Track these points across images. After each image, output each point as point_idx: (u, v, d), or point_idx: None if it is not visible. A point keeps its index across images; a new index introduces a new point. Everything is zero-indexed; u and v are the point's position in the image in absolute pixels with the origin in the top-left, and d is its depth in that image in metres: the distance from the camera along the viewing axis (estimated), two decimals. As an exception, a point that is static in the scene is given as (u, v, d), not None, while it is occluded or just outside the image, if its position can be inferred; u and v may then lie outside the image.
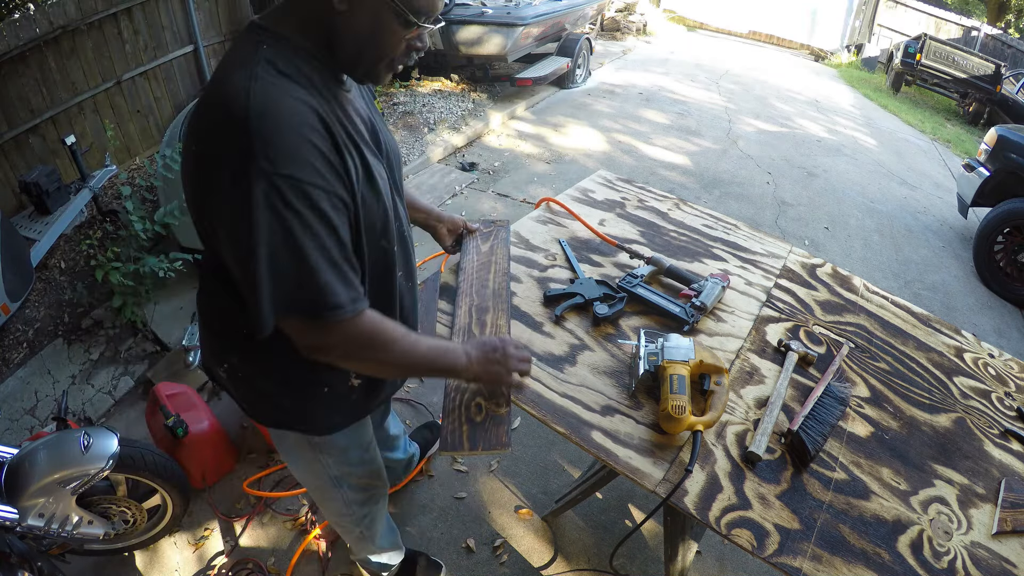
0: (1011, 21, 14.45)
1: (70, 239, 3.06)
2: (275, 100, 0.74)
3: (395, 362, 0.93)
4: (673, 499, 0.98)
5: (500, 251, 1.49)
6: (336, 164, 0.79)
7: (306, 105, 0.77)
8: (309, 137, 0.76)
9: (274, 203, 0.73)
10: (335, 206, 0.79)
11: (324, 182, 0.77)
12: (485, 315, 1.28)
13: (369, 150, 0.90)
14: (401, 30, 0.83)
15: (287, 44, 0.81)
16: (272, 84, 0.76)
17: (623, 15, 10.10)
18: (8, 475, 1.36)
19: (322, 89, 0.83)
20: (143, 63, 3.73)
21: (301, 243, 0.76)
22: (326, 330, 0.83)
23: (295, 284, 0.78)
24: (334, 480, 1.24)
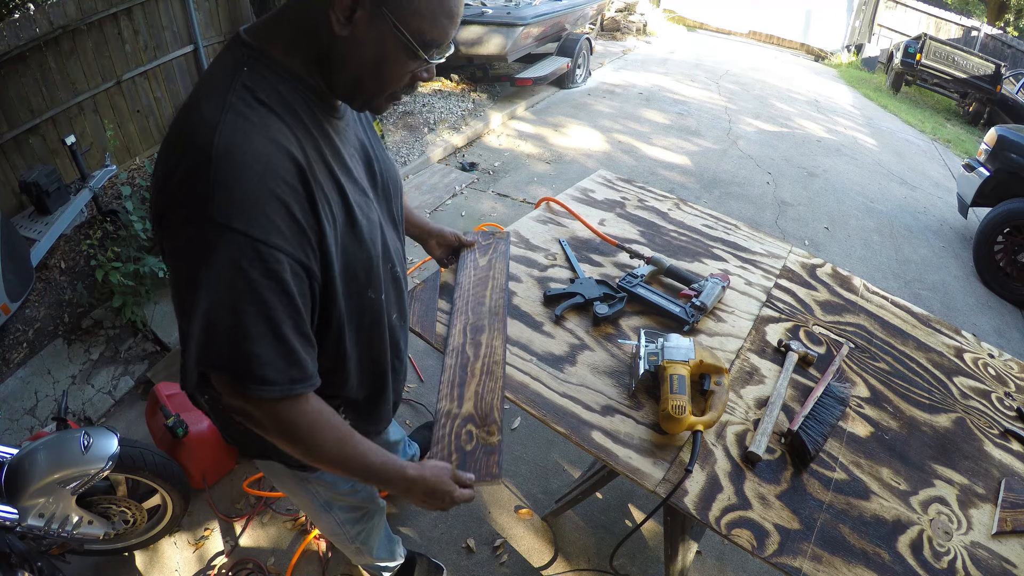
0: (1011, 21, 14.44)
1: (70, 239, 3.07)
2: (244, 142, 0.66)
3: (328, 460, 0.83)
4: (673, 499, 0.98)
5: (498, 266, 1.44)
6: (305, 225, 0.70)
7: (281, 150, 0.69)
8: (276, 191, 0.67)
9: (222, 260, 0.65)
10: (295, 273, 0.70)
11: (286, 244, 0.68)
12: (480, 335, 1.24)
13: (357, 189, 0.82)
14: (408, 62, 0.75)
15: (272, 66, 0.73)
16: (245, 120, 0.68)
17: (623, 15, 10.10)
18: (8, 475, 1.36)
19: (308, 121, 0.75)
20: (143, 63, 3.73)
21: (242, 308, 0.67)
22: (251, 402, 0.74)
23: (227, 348, 0.69)
24: (324, 505, 1.20)
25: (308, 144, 0.74)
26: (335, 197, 0.77)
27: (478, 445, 1.02)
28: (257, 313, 0.68)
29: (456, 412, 1.08)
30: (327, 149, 0.78)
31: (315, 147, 0.75)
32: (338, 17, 0.69)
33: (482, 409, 1.09)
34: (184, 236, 0.67)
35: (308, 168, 0.72)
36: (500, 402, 1.10)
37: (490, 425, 1.06)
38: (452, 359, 1.20)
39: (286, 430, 0.77)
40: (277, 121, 0.71)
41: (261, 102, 0.70)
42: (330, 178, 0.77)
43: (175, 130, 0.71)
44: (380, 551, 1.49)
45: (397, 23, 0.70)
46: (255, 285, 0.67)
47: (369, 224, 0.84)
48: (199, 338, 0.69)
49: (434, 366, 2.55)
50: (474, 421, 1.06)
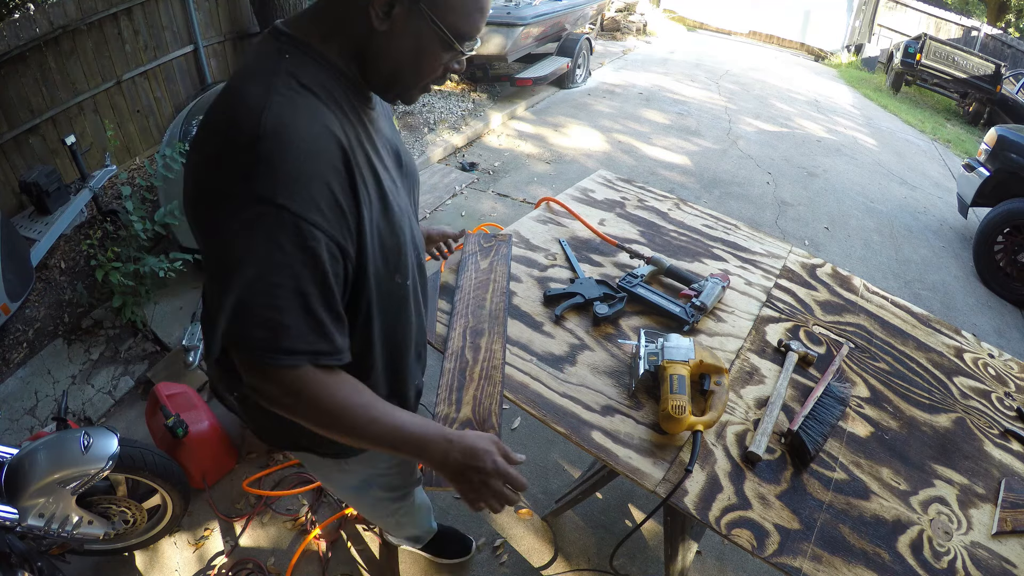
0: (1011, 21, 14.44)
1: (70, 239, 3.07)
2: (294, 122, 0.68)
3: (353, 429, 0.79)
4: (673, 499, 0.98)
5: (500, 268, 1.43)
6: (346, 208, 0.72)
7: (327, 133, 0.71)
8: (321, 171, 0.69)
9: (262, 232, 0.67)
10: (331, 252, 0.71)
11: (325, 223, 0.70)
12: (480, 338, 1.24)
13: (389, 177, 0.84)
14: (443, 54, 0.78)
15: (313, 55, 0.75)
16: (293, 102, 0.70)
17: (623, 15, 10.10)
18: (8, 475, 1.36)
19: (347, 110, 0.77)
20: (143, 63, 3.73)
21: (276, 280, 0.68)
22: (272, 373, 0.73)
23: (256, 320, 0.70)
24: (363, 483, 1.18)
25: (349, 129, 0.76)
26: (372, 182, 0.79)
27: None
28: (291, 287, 0.69)
29: (454, 416, 1.08)
30: (364, 136, 0.80)
31: (355, 133, 0.77)
32: (377, 12, 0.72)
33: (480, 414, 1.08)
34: (226, 211, 0.68)
35: (351, 152, 0.74)
36: (498, 407, 1.09)
37: (488, 430, 1.05)
38: (451, 363, 1.19)
39: (310, 402, 0.76)
40: (322, 105, 0.73)
41: (305, 87, 0.72)
42: (368, 164, 0.78)
43: (216, 115, 0.72)
44: (421, 522, 1.51)
45: (434, 18, 0.74)
46: (291, 259, 0.68)
47: (400, 211, 0.85)
48: (231, 310, 0.70)
49: (434, 365, 2.54)
50: (472, 425, 1.06)
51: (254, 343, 0.71)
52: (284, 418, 0.83)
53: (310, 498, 1.98)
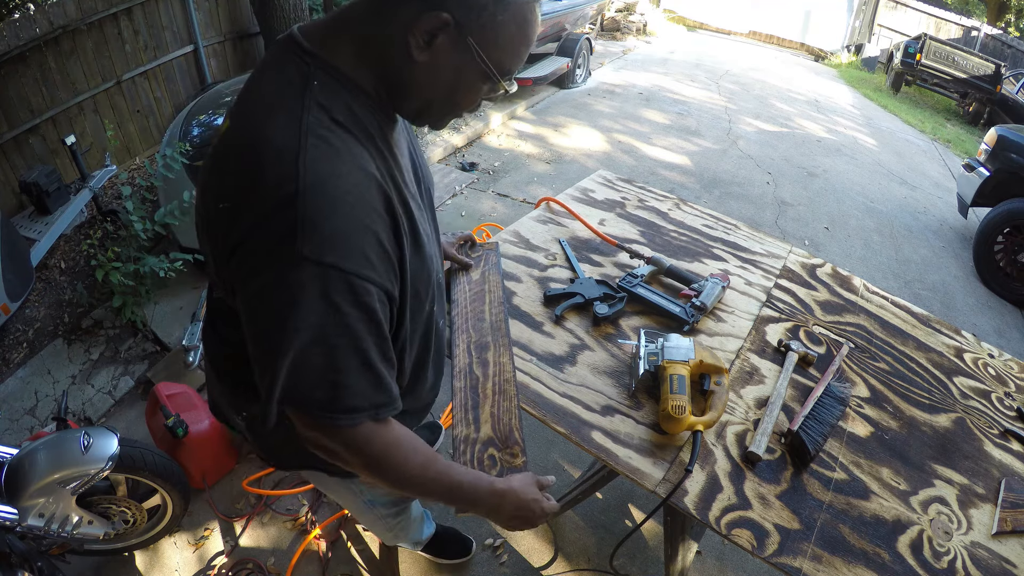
0: (1011, 21, 14.44)
1: (70, 239, 3.07)
2: (332, 172, 0.63)
3: (414, 485, 0.80)
4: (673, 499, 0.98)
5: (492, 278, 1.40)
6: (392, 252, 0.69)
7: (370, 179, 0.66)
8: (368, 223, 0.65)
9: (313, 296, 0.63)
10: (381, 300, 0.69)
11: (376, 275, 0.66)
12: (486, 353, 1.20)
13: (416, 205, 0.79)
14: (482, 87, 0.74)
15: (342, 80, 0.68)
16: (328, 145, 0.64)
17: (623, 15, 10.10)
18: (8, 475, 1.36)
19: (380, 143, 0.72)
20: (143, 63, 3.73)
21: (335, 342, 0.65)
22: (333, 432, 0.71)
23: (315, 382, 0.67)
24: (368, 503, 1.18)
25: (382, 165, 0.71)
26: (406, 219, 0.74)
27: (503, 469, 0.98)
28: (349, 346, 0.67)
29: (474, 437, 1.04)
30: (395, 168, 0.75)
31: (387, 168, 0.72)
32: (418, 41, 0.67)
33: (501, 431, 1.05)
34: (270, 273, 0.63)
35: (390, 194, 0.70)
36: (519, 421, 1.07)
37: (512, 447, 1.02)
38: (460, 381, 1.15)
39: (372, 458, 0.75)
40: (357, 145, 0.68)
41: (339, 123, 0.66)
42: (400, 200, 0.73)
43: (241, 157, 0.66)
44: (414, 533, 1.52)
45: (480, 52, 0.68)
46: (347, 319, 0.65)
47: (427, 238, 0.81)
48: (287, 376, 0.67)
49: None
50: (495, 444, 1.03)
51: (314, 403, 0.68)
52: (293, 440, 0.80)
53: (310, 498, 1.98)
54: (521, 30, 0.70)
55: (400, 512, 1.31)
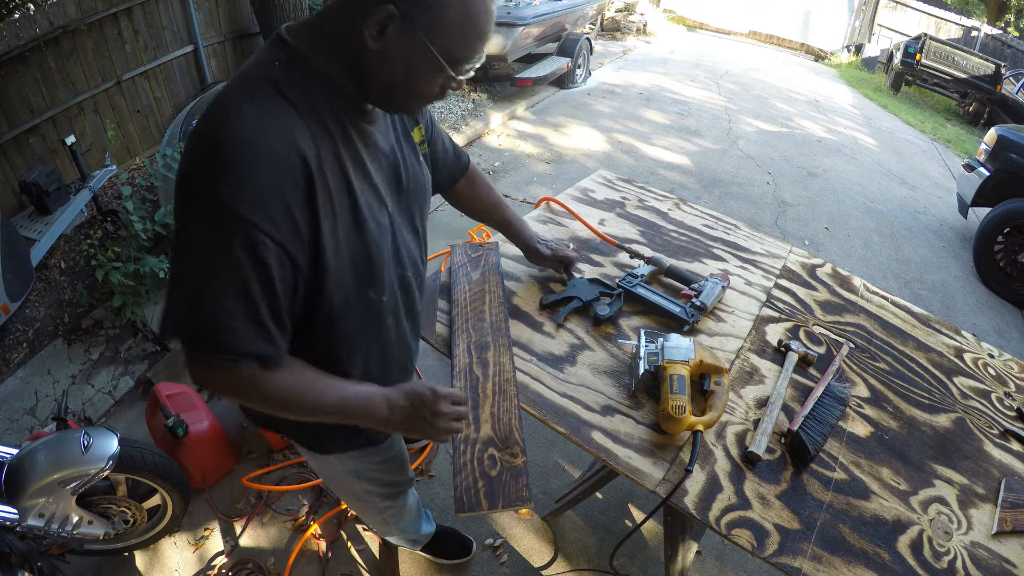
0: (1011, 21, 14.44)
1: (70, 239, 3.06)
2: (260, 133, 0.70)
3: (310, 416, 0.86)
4: (673, 499, 0.98)
5: (492, 278, 1.40)
6: (300, 219, 0.73)
7: (293, 147, 0.72)
8: (279, 184, 0.71)
9: (216, 236, 0.70)
10: (280, 261, 0.73)
11: (276, 233, 0.71)
12: (486, 352, 1.20)
13: (371, 193, 0.84)
14: (436, 77, 0.78)
15: (306, 67, 0.76)
16: (264, 112, 0.71)
17: (623, 15, 10.10)
18: (8, 475, 1.36)
19: (330, 123, 0.78)
20: (143, 63, 3.73)
21: (218, 278, 0.71)
22: (215, 371, 0.76)
23: (206, 318, 0.73)
24: (352, 472, 1.20)
25: (324, 144, 0.76)
26: (342, 196, 0.79)
27: (503, 469, 1.00)
28: (238, 290, 0.72)
29: (474, 437, 1.05)
30: (344, 151, 0.80)
31: (331, 147, 0.77)
32: (371, 31, 0.72)
33: (501, 431, 1.06)
34: (191, 206, 0.72)
35: (316, 167, 0.74)
36: (518, 421, 1.07)
37: (512, 447, 1.03)
38: (461, 381, 1.16)
39: (265, 399, 0.81)
40: (296, 117, 0.73)
41: (285, 98, 0.73)
42: (341, 178, 0.79)
43: (203, 117, 0.74)
44: (407, 526, 1.51)
45: (428, 43, 0.73)
46: (241, 264, 0.71)
47: (378, 227, 0.85)
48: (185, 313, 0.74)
49: (434, 366, 2.55)
50: (495, 444, 1.03)
51: (195, 342, 0.75)
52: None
53: (310, 497, 1.98)
54: (468, 19, 0.74)
55: (391, 496, 1.32)
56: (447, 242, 3.35)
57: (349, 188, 0.80)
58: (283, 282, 0.75)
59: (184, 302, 0.74)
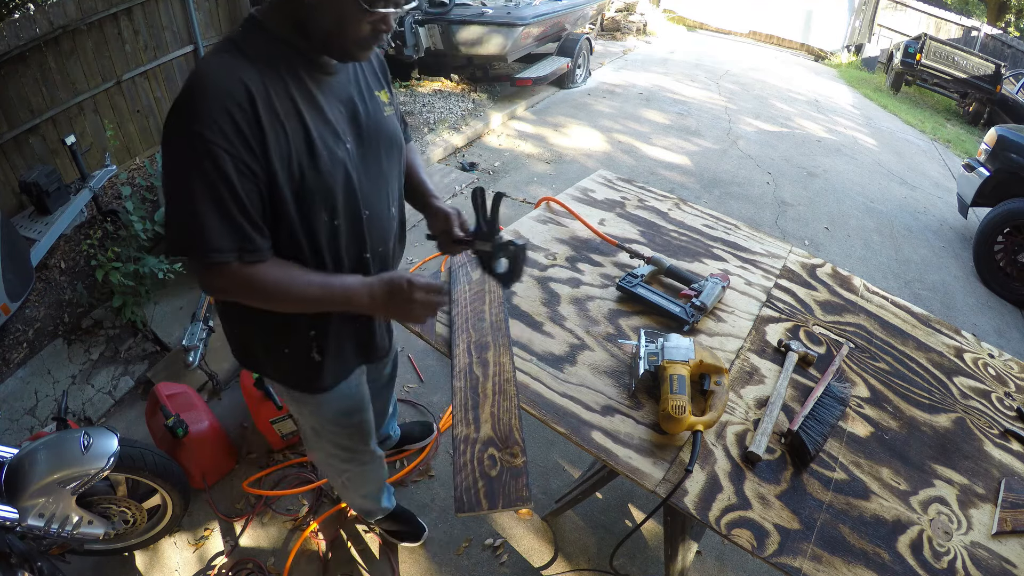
0: (1011, 21, 14.44)
1: (70, 239, 3.06)
2: (213, 74, 0.86)
3: (289, 304, 0.99)
4: (673, 499, 0.98)
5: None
6: (250, 135, 0.87)
7: (237, 81, 0.87)
8: (228, 107, 0.85)
9: (182, 152, 0.86)
10: (239, 169, 0.87)
11: (229, 146, 0.85)
12: (486, 352, 1.21)
13: (327, 128, 0.97)
14: (362, 16, 0.89)
15: (264, 31, 0.93)
16: (220, 60, 0.88)
17: (623, 15, 10.10)
18: (8, 475, 1.36)
19: (285, 73, 0.93)
20: (143, 63, 3.72)
21: (192, 188, 0.86)
22: (210, 271, 0.92)
23: (183, 225, 0.89)
24: (313, 431, 1.36)
25: (275, 84, 0.91)
26: (293, 122, 0.92)
27: (503, 469, 1.00)
28: (207, 194, 0.86)
29: (474, 437, 1.05)
30: (296, 91, 0.94)
31: (283, 88, 0.92)
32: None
33: (501, 431, 1.06)
34: (168, 139, 0.88)
35: (262, 96, 0.88)
36: (518, 421, 1.07)
37: (512, 447, 1.03)
38: (461, 381, 1.16)
39: (251, 291, 0.95)
40: (247, 64, 0.89)
41: (241, 52, 0.90)
42: (292, 109, 0.93)
43: None
44: (368, 495, 1.66)
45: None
46: (206, 173, 0.85)
47: (331, 157, 0.97)
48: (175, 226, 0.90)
49: (434, 366, 2.55)
50: (495, 444, 1.04)
51: (186, 246, 0.90)
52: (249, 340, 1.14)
53: (310, 498, 1.98)
54: None
55: (350, 460, 1.46)
56: (447, 242, 3.36)
57: (300, 118, 0.93)
58: (245, 188, 0.88)
59: (174, 217, 0.90)
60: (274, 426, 2.04)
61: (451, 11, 5.34)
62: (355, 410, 1.34)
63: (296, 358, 1.14)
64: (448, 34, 5.37)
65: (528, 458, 1.03)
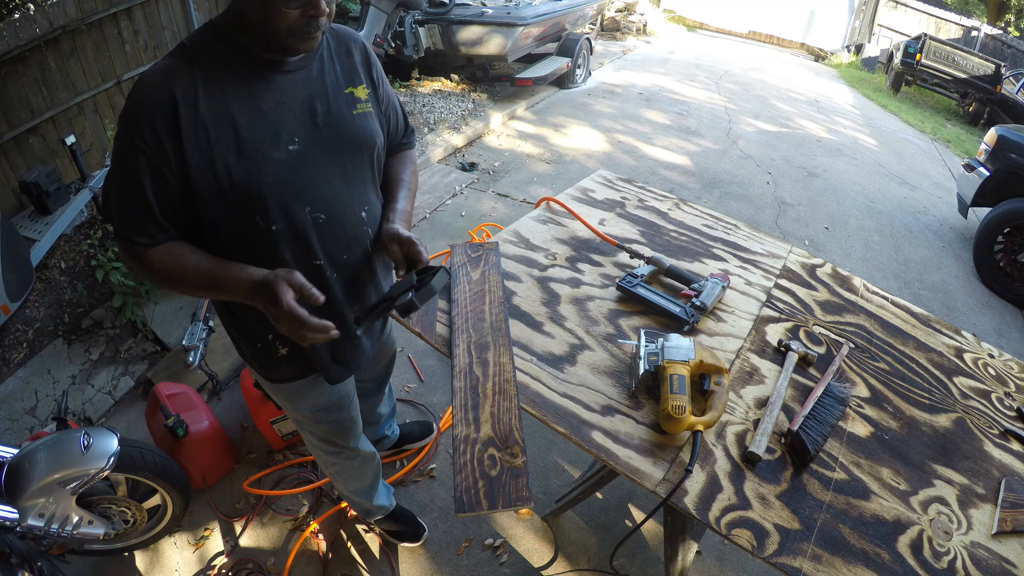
0: (1011, 21, 14.44)
1: (70, 239, 3.06)
2: (147, 79, 0.92)
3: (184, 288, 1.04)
4: (673, 499, 0.98)
5: (493, 278, 1.41)
6: (166, 141, 0.91)
7: (164, 88, 0.91)
8: (149, 114, 0.91)
9: (116, 146, 0.95)
10: (151, 170, 0.92)
11: (145, 147, 0.91)
12: (486, 352, 1.21)
13: (266, 129, 0.97)
14: (281, 3, 0.89)
15: (214, 32, 0.96)
16: (160, 68, 0.93)
17: (623, 15, 10.10)
18: (8, 475, 1.36)
19: (225, 72, 0.95)
20: (143, 63, 3.72)
21: (116, 178, 0.96)
22: (124, 253, 1.01)
23: (107, 203, 1.00)
24: (295, 421, 1.40)
25: (210, 88, 0.93)
26: (222, 127, 0.94)
27: (503, 469, 1.00)
28: (119, 188, 0.96)
29: (474, 437, 1.05)
30: (233, 95, 0.95)
31: (218, 88, 0.94)
32: None
33: (501, 431, 1.06)
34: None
35: (189, 102, 0.92)
36: (518, 421, 1.08)
37: (512, 447, 1.03)
38: (460, 381, 1.16)
39: (142, 272, 1.02)
40: (186, 69, 0.93)
41: (185, 56, 0.94)
42: (223, 113, 0.94)
43: None
44: (358, 491, 1.65)
45: None
46: (123, 168, 0.94)
47: (264, 159, 0.97)
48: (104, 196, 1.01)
49: (434, 366, 2.55)
50: (495, 444, 1.04)
51: (113, 225, 1.00)
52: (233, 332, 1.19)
53: (310, 498, 1.98)
54: None
55: (337, 454, 1.47)
56: (447, 242, 3.35)
57: (231, 121, 0.95)
58: (155, 189, 0.94)
59: (104, 193, 1.01)
60: (274, 426, 2.04)
61: (451, 11, 5.34)
62: (332, 407, 1.34)
63: (266, 351, 1.17)
64: (448, 34, 5.37)
65: (528, 458, 1.03)
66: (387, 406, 1.88)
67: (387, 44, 5.17)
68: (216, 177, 0.95)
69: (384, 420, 1.90)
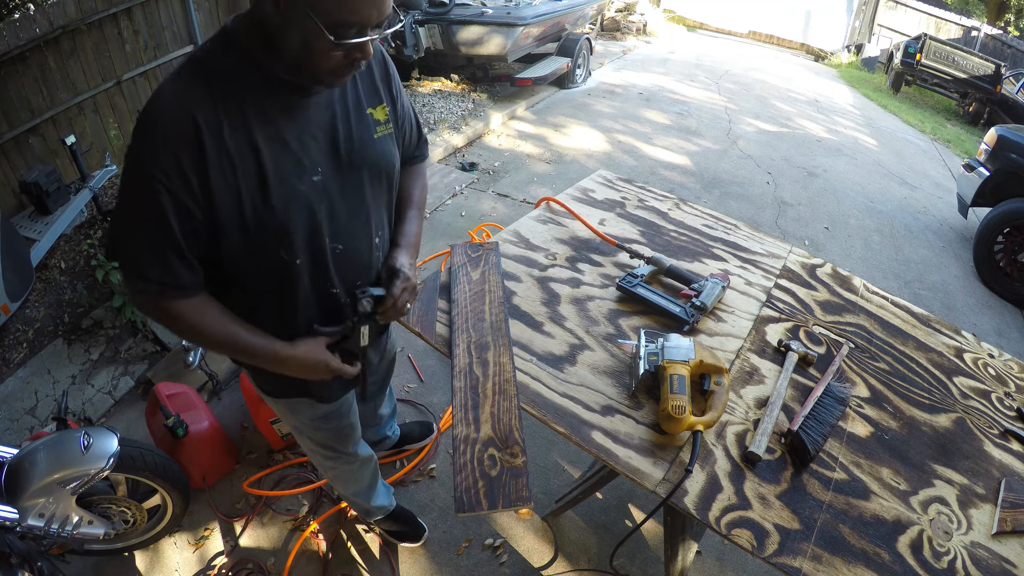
0: (1011, 21, 14.44)
1: (70, 239, 3.06)
2: (164, 104, 0.83)
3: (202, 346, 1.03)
4: (673, 499, 0.98)
5: (493, 278, 1.41)
6: (190, 174, 0.83)
7: (186, 113, 0.82)
8: (171, 144, 0.82)
9: (128, 180, 0.86)
10: (175, 204, 0.84)
11: (169, 183, 0.83)
12: (486, 352, 1.21)
13: (288, 158, 0.90)
14: (330, 46, 0.80)
15: (231, 48, 0.86)
16: (175, 85, 0.84)
17: (623, 15, 10.10)
18: (8, 475, 1.36)
19: (246, 94, 0.86)
20: (143, 63, 3.72)
21: (132, 214, 0.87)
22: (133, 290, 0.93)
23: (120, 245, 0.91)
24: (295, 429, 1.38)
25: (232, 116, 0.85)
26: (247, 160, 0.87)
27: (503, 469, 1.00)
28: (140, 225, 0.87)
29: (474, 437, 1.05)
30: (256, 123, 0.87)
31: (240, 119, 0.86)
32: (272, 6, 0.79)
33: (501, 431, 1.06)
34: (126, 154, 0.88)
35: (213, 131, 0.83)
36: (518, 421, 1.08)
37: (512, 447, 1.03)
38: (461, 381, 1.16)
39: (165, 320, 0.95)
40: (203, 89, 0.84)
41: (202, 74, 0.84)
42: (247, 144, 0.86)
43: None
44: (357, 493, 1.65)
45: (309, 8, 0.77)
46: (143, 204, 0.85)
47: (291, 193, 0.91)
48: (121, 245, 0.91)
49: (434, 366, 2.55)
50: (495, 444, 1.04)
51: (118, 260, 0.93)
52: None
53: (310, 498, 1.98)
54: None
55: (336, 459, 1.46)
56: (447, 242, 3.35)
57: (255, 152, 0.87)
58: (180, 225, 0.86)
59: (114, 230, 0.92)
60: (274, 426, 2.04)
61: (451, 11, 5.34)
62: (332, 415, 1.32)
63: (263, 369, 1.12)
64: (448, 34, 5.37)
65: (528, 458, 1.03)
66: (388, 407, 1.88)
67: (387, 44, 5.17)
68: (241, 212, 0.88)
69: (385, 421, 1.91)
